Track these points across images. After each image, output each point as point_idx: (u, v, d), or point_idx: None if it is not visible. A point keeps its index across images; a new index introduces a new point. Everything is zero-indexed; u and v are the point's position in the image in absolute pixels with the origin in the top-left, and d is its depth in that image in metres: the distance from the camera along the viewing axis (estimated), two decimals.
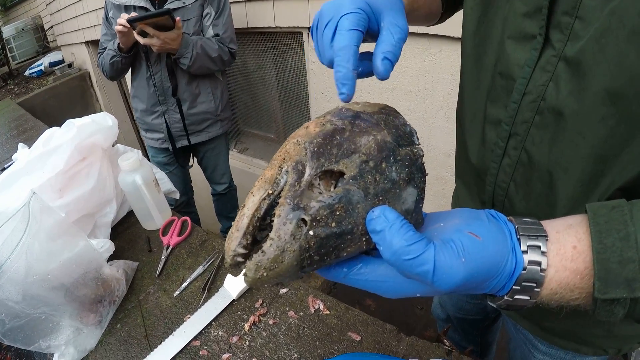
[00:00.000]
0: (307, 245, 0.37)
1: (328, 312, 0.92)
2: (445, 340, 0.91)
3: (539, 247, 0.40)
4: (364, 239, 0.39)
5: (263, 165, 3.41)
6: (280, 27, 2.58)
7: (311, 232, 0.37)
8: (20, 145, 1.32)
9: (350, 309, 0.92)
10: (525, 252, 0.40)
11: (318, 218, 0.37)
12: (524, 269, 0.39)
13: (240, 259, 0.40)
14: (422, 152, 0.44)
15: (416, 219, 0.43)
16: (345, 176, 0.39)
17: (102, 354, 0.93)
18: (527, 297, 0.40)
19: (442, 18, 0.84)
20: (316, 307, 0.93)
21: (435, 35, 1.89)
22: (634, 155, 0.50)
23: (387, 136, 0.42)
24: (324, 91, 2.61)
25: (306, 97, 2.80)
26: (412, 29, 1.53)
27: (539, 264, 0.39)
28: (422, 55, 2.01)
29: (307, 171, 0.39)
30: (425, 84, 2.07)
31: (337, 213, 0.38)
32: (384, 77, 0.46)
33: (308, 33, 2.44)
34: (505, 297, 0.41)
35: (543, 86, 0.57)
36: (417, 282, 0.39)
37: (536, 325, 0.86)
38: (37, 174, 1.07)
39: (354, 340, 0.85)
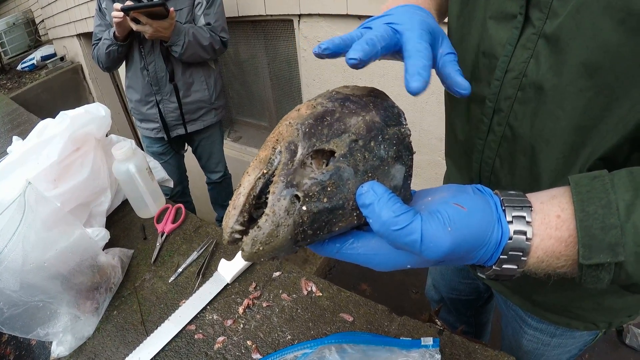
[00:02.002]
0: (301, 220, 0.39)
1: (321, 294, 0.93)
2: (437, 320, 0.92)
3: (523, 217, 0.41)
4: (354, 213, 0.41)
5: (257, 153, 3.40)
6: (271, 15, 2.57)
7: (304, 208, 0.39)
8: (15, 137, 1.32)
9: (342, 290, 0.94)
10: (511, 222, 0.41)
11: (310, 194, 0.39)
12: (510, 238, 0.41)
13: (237, 235, 0.42)
14: (410, 131, 0.45)
15: (404, 194, 0.44)
16: (335, 154, 0.41)
17: (99, 341, 0.95)
18: (515, 267, 0.42)
19: None
20: (309, 289, 0.94)
21: None
22: (612, 125, 0.52)
23: (375, 117, 0.43)
24: (315, 78, 2.60)
25: (298, 84, 2.79)
26: None
27: (524, 233, 0.40)
28: None
29: (300, 150, 0.41)
30: None
31: (329, 189, 0.39)
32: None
33: (299, 21, 2.43)
34: (494, 267, 0.42)
35: (524, 63, 0.58)
36: (406, 253, 0.40)
37: (527, 300, 0.87)
38: (32, 165, 1.07)
39: (346, 321, 0.87)
